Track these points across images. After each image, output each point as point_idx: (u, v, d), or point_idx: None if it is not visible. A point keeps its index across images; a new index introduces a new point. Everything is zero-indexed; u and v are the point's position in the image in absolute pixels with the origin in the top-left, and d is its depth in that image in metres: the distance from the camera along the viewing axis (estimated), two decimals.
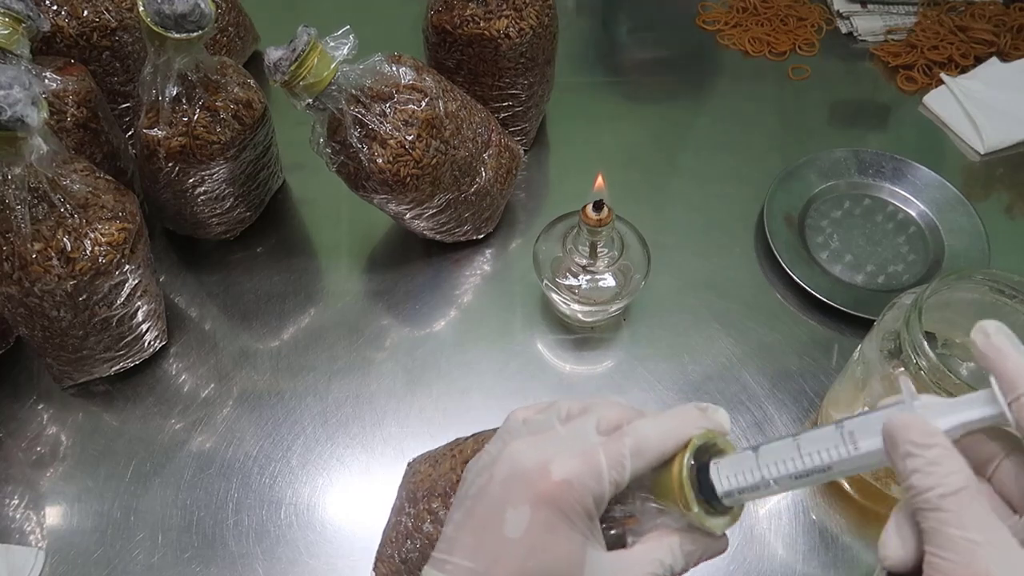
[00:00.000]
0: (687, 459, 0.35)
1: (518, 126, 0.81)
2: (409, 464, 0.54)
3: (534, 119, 0.82)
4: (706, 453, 0.36)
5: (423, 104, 0.62)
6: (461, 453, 0.49)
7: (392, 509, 0.54)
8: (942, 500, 0.28)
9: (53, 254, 0.55)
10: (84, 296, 0.58)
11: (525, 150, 0.81)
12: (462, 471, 0.46)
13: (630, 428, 0.35)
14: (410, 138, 0.62)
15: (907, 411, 0.31)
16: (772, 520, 0.62)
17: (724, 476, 0.35)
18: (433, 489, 0.48)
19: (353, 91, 0.60)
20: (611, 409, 0.37)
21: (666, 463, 0.35)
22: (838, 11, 0.99)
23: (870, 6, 0.99)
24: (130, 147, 0.73)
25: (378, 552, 0.53)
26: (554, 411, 0.38)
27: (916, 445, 0.29)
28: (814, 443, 0.33)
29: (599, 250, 0.65)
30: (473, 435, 0.50)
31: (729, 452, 0.36)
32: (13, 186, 0.52)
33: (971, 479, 0.29)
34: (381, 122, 0.61)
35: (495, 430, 0.48)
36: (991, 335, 0.31)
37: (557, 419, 0.37)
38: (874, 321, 0.56)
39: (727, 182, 0.83)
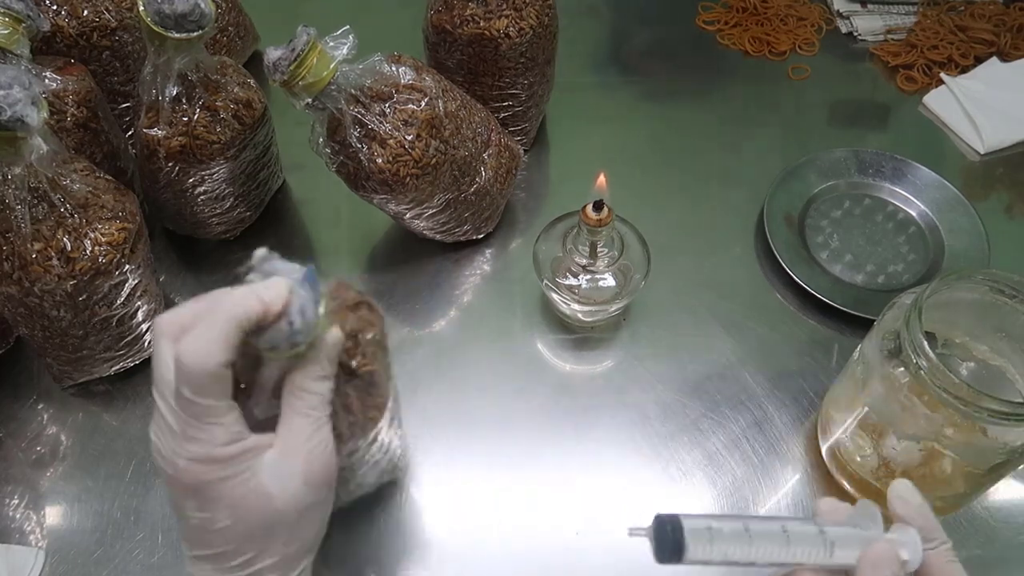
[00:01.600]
0: None
1: (518, 126, 0.81)
2: None
3: (534, 119, 0.82)
4: None
5: (423, 104, 0.62)
6: None
7: None
8: None
9: (53, 254, 0.55)
10: (84, 296, 0.58)
11: (525, 150, 0.81)
12: None
13: None
14: (410, 138, 0.62)
15: (882, 541, 0.38)
16: None
17: (703, 547, 0.38)
18: None
19: (352, 91, 0.60)
20: None
21: None
22: (838, 11, 0.99)
23: (870, 6, 0.99)
24: (130, 147, 0.73)
25: None
26: None
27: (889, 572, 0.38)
28: (801, 542, 0.38)
29: (599, 250, 0.65)
30: None
31: None
32: (13, 186, 0.52)
33: None
34: (381, 122, 0.61)
35: None
36: (909, 500, 0.40)
37: None
38: (874, 321, 0.56)
39: (727, 182, 0.83)
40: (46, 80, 0.63)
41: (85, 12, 0.69)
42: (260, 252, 0.41)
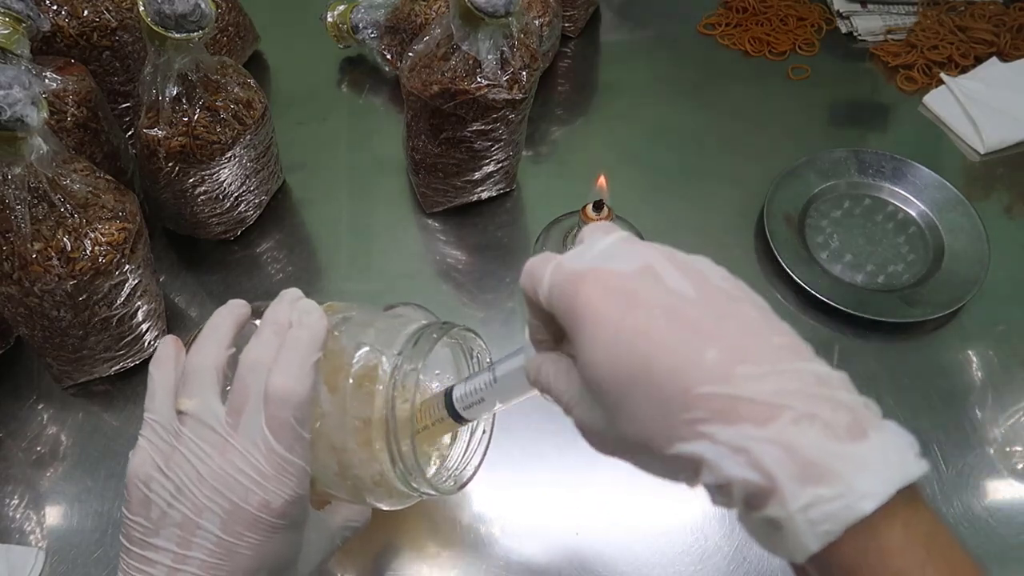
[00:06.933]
0: None
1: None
2: None
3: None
4: None
5: None
6: None
7: None
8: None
9: (53, 254, 0.55)
10: (84, 296, 0.58)
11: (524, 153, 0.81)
12: None
13: None
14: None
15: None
16: None
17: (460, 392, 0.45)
18: None
19: None
20: None
21: None
22: (838, 11, 0.99)
23: (870, 6, 0.99)
24: (130, 147, 0.73)
25: None
26: None
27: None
28: (471, 381, 0.45)
29: None
30: None
31: None
32: (13, 186, 0.52)
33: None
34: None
35: None
36: None
37: None
38: (874, 321, 0.55)
39: (727, 182, 0.83)
40: (46, 80, 0.63)
41: (85, 12, 0.69)
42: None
